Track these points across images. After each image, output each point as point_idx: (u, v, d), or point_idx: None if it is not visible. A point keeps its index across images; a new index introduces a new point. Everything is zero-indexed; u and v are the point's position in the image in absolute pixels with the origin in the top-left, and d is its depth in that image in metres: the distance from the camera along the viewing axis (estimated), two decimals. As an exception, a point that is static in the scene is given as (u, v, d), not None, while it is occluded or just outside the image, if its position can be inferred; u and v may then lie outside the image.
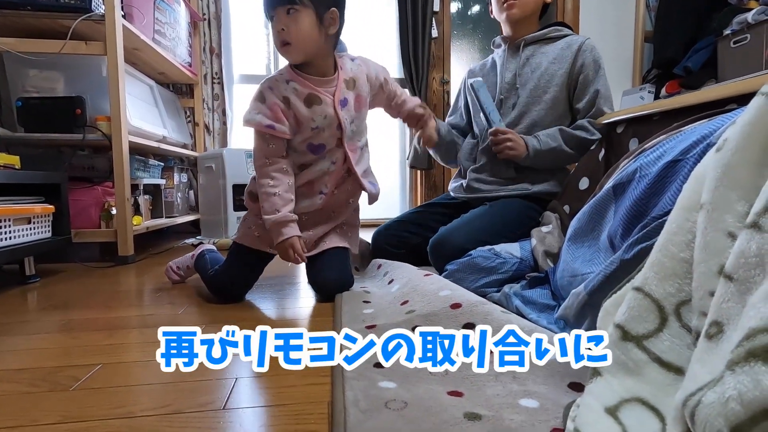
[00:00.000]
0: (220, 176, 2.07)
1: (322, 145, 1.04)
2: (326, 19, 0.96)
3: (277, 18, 0.94)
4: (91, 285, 1.24)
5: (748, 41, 2.14)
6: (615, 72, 2.94)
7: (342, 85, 1.03)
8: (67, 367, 0.67)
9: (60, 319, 0.92)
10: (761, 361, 0.25)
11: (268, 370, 0.64)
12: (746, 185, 0.38)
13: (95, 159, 1.73)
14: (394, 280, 1.03)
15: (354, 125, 1.07)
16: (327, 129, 1.02)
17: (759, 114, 0.39)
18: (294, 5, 0.92)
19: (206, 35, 2.47)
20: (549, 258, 1.02)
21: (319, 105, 1.00)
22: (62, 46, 1.48)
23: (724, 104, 0.85)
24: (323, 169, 1.06)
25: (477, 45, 2.99)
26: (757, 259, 0.30)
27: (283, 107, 0.99)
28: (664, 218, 0.52)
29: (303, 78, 1.00)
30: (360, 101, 1.07)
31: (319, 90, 1.00)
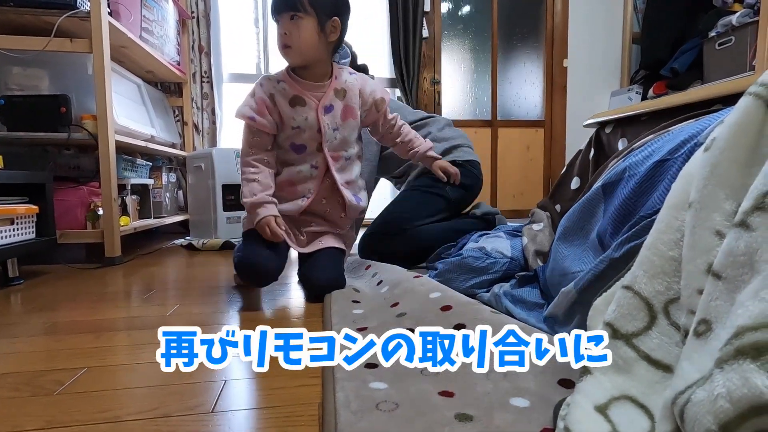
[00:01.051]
0: (209, 176, 2.05)
1: (303, 145, 1.09)
2: (327, 27, 1.02)
3: (281, 22, 1.01)
4: (76, 287, 1.22)
5: (733, 43, 2.17)
6: (604, 73, 2.97)
7: (331, 92, 1.08)
8: (51, 370, 0.66)
9: (44, 321, 0.90)
10: (750, 358, 0.25)
11: (257, 372, 0.64)
12: (734, 184, 0.38)
13: (81, 158, 1.70)
14: (383, 282, 1.03)
15: (338, 133, 1.10)
16: (308, 130, 1.07)
17: (747, 113, 0.39)
18: (297, 12, 0.99)
19: (195, 33, 2.45)
20: (539, 257, 1.02)
21: (303, 107, 1.06)
22: (46, 43, 1.45)
23: (710, 105, 0.86)
24: (305, 172, 1.10)
25: (468, 45, 3.01)
26: (745, 257, 0.30)
27: (268, 103, 1.05)
28: (652, 217, 0.53)
29: (294, 80, 1.07)
30: (348, 111, 1.11)
31: (306, 93, 1.06)
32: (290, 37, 1.00)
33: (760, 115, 0.38)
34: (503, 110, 3.06)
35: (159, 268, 1.48)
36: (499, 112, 3.03)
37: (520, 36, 3.05)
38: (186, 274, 1.39)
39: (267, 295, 1.10)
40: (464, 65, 3.01)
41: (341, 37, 1.07)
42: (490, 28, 2.97)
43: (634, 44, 2.88)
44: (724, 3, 2.23)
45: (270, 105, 1.05)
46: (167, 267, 1.52)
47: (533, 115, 3.11)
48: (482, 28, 2.99)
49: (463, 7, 2.99)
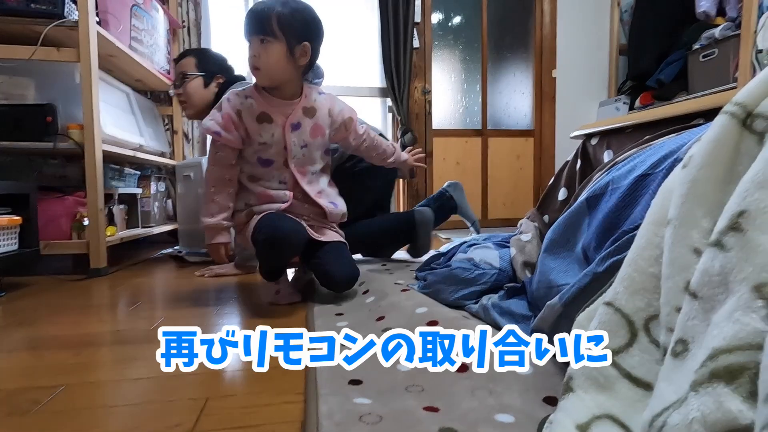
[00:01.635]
0: (198, 185, 2.03)
1: (270, 160, 1.12)
2: (297, 51, 1.05)
3: (252, 44, 1.05)
4: (59, 299, 1.19)
5: (716, 55, 2.22)
6: (591, 84, 3.02)
7: (299, 110, 1.12)
8: (28, 388, 0.64)
9: (24, 336, 0.88)
10: (724, 382, 0.25)
11: (241, 388, 0.63)
12: (711, 201, 0.38)
13: (67, 168, 1.68)
14: (369, 291, 1.03)
15: (306, 150, 1.13)
16: (274, 146, 1.10)
17: (722, 132, 0.40)
18: (267, 36, 1.02)
19: (186, 42, 2.44)
20: (527, 268, 1.03)
21: (269, 123, 1.09)
22: (33, 52, 1.44)
23: (692, 118, 0.88)
24: (275, 188, 1.12)
25: (458, 56, 3.04)
26: (720, 277, 0.30)
27: (235, 119, 1.08)
28: (634, 232, 0.53)
29: (262, 97, 1.10)
30: (317, 130, 1.14)
31: (273, 110, 1.09)
32: (259, 59, 1.03)
33: (734, 133, 0.38)
34: (493, 120, 3.09)
35: (146, 279, 1.46)
36: (490, 122, 3.06)
37: (509, 47, 3.09)
38: (174, 285, 1.37)
39: (254, 309, 1.09)
40: (455, 75, 3.04)
41: (312, 60, 1.10)
42: (480, 38, 3.01)
43: (621, 56, 2.94)
44: (707, 16, 2.28)
45: (236, 120, 1.07)
46: (154, 278, 1.50)
47: (523, 124, 3.14)
48: (472, 39, 3.03)
49: (454, 19, 3.03)
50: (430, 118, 2.92)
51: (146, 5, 2.01)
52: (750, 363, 0.25)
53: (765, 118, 0.37)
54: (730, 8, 2.23)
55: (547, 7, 2.99)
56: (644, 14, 2.66)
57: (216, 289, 1.28)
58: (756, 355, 0.25)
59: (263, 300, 1.14)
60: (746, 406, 0.24)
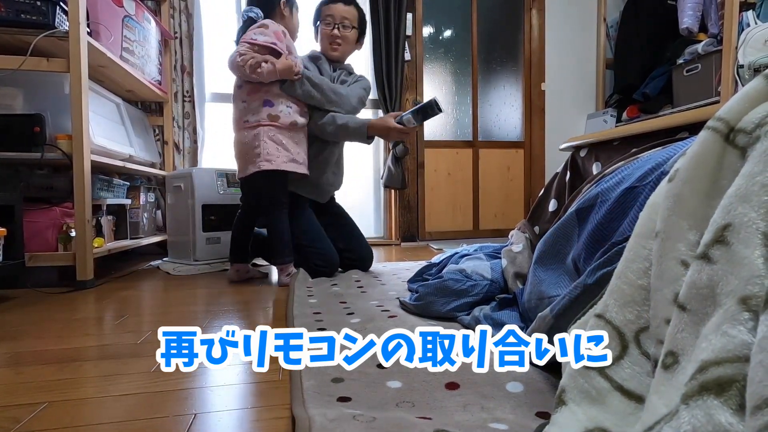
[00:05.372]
0: (189, 196, 2.01)
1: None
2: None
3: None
4: (43, 313, 1.17)
5: (700, 70, 2.28)
6: (580, 97, 3.07)
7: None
8: (8, 406, 0.62)
9: (5, 352, 0.86)
10: (713, 394, 0.25)
11: (230, 403, 0.62)
12: (696, 215, 0.39)
13: (55, 179, 1.65)
14: (354, 313, 1.02)
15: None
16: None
17: (706, 147, 0.40)
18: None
19: (178, 53, 2.44)
20: (519, 279, 1.03)
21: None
22: (22, 62, 1.43)
23: (677, 132, 0.90)
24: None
25: (449, 68, 3.07)
26: (707, 290, 0.31)
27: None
28: (623, 243, 0.54)
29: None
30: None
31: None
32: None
33: (718, 148, 0.39)
34: (484, 131, 3.12)
35: (133, 292, 1.44)
36: (480, 133, 3.09)
37: (499, 60, 3.14)
38: (162, 297, 1.35)
39: (246, 322, 1.07)
40: (446, 88, 3.07)
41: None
42: (470, 52, 3.05)
43: (608, 69, 3.00)
44: (690, 32, 2.34)
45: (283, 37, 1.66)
46: (142, 290, 1.47)
47: (513, 136, 3.18)
48: (463, 52, 3.07)
49: (444, 32, 3.07)
50: (422, 130, 2.94)
51: (138, 16, 2.01)
52: (738, 375, 0.26)
53: (747, 133, 0.38)
54: (711, 25, 2.29)
55: (536, 21, 3.05)
56: (629, 30, 2.73)
57: (205, 302, 1.26)
58: (744, 368, 0.25)
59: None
60: (736, 419, 0.24)
